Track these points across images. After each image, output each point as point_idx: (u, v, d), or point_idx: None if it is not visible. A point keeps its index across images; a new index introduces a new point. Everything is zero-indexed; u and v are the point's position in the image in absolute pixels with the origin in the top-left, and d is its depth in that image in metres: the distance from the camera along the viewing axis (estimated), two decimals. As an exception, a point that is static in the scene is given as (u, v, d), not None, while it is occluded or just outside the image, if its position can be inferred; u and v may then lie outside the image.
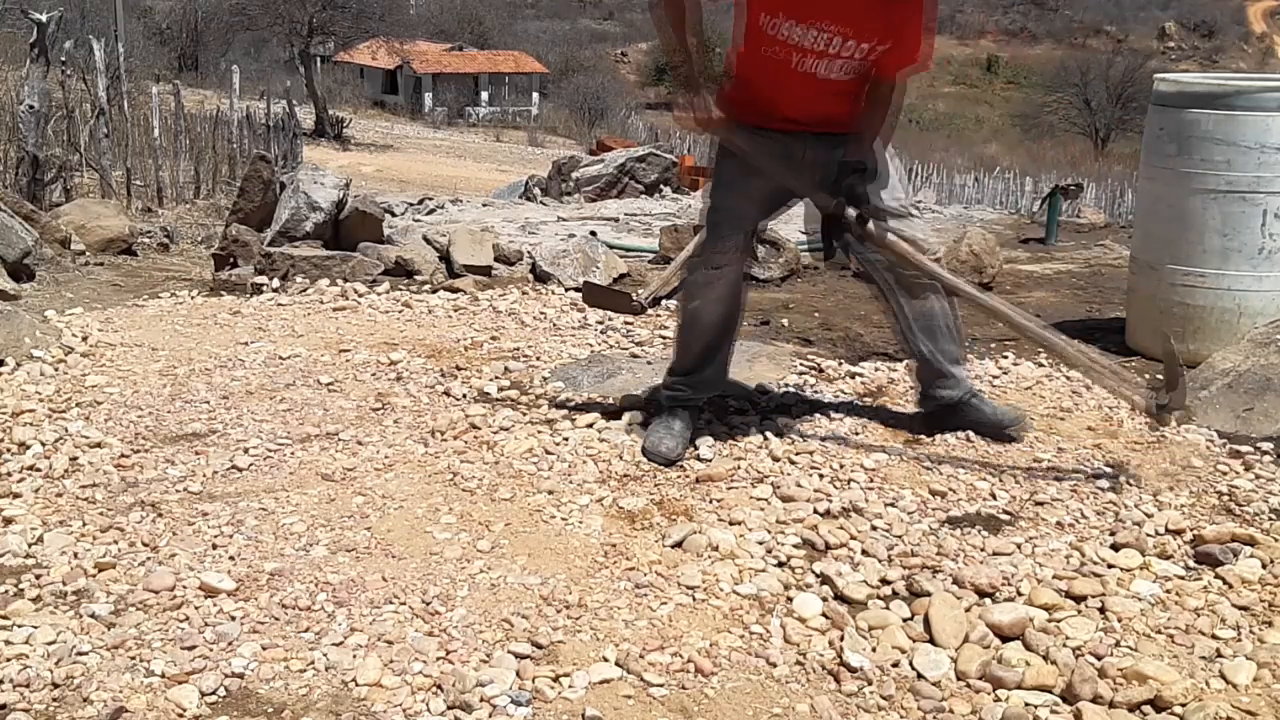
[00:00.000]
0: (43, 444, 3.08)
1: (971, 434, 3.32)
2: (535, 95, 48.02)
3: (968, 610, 2.32)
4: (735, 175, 3.07)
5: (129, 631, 2.19)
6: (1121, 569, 2.52)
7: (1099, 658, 2.17)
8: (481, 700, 2.00)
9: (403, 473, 2.99)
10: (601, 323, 4.52)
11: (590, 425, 3.34)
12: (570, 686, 2.06)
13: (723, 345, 3.28)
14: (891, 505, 2.85)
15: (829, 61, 2.84)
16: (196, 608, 2.28)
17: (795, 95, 2.92)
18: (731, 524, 2.71)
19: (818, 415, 3.43)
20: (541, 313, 4.70)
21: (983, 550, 2.62)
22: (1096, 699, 2.04)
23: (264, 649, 2.14)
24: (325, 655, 2.13)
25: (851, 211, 2.84)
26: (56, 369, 3.74)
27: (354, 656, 2.13)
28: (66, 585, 2.38)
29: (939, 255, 3.03)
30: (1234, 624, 2.30)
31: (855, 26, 2.77)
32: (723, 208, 3.11)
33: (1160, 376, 4.02)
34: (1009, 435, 3.24)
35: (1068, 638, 2.24)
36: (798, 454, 3.11)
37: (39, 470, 2.95)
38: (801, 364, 3.99)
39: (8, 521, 2.65)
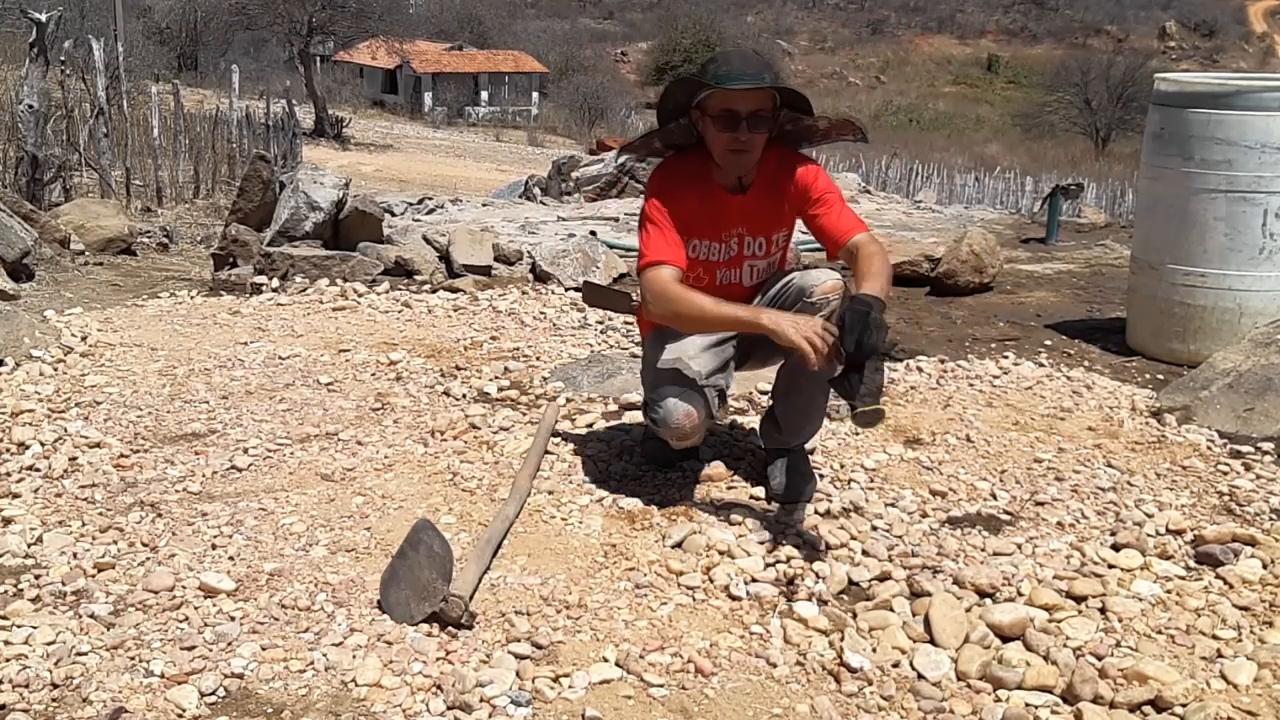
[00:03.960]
0: (42, 444, 3.08)
1: (971, 434, 3.33)
2: (535, 95, 48.04)
3: (968, 610, 2.32)
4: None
5: (128, 632, 2.19)
6: (1122, 569, 2.52)
7: (1099, 658, 2.17)
8: (481, 700, 2.00)
9: (403, 473, 2.99)
10: (601, 323, 4.52)
11: (590, 425, 3.34)
12: (570, 687, 2.06)
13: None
14: (891, 505, 2.84)
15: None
16: (196, 608, 2.28)
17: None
18: (731, 524, 2.71)
19: (818, 415, 3.43)
20: (541, 313, 4.70)
21: (983, 550, 2.61)
22: (1097, 699, 2.03)
23: (264, 649, 2.14)
24: (325, 655, 2.12)
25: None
26: (56, 369, 3.74)
27: (354, 657, 2.12)
28: (66, 585, 2.37)
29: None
30: (1235, 624, 2.30)
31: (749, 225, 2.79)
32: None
33: (1161, 376, 4.03)
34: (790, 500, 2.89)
35: (1068, 638, 2.24)
36: (798, 454, 3.10)
37: (38, 470, 2.94)
38: (801, 364, 3.99)
39: (7, 521, 2.64)
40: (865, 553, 2.59)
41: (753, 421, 3.36)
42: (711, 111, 2.66)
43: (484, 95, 47.13)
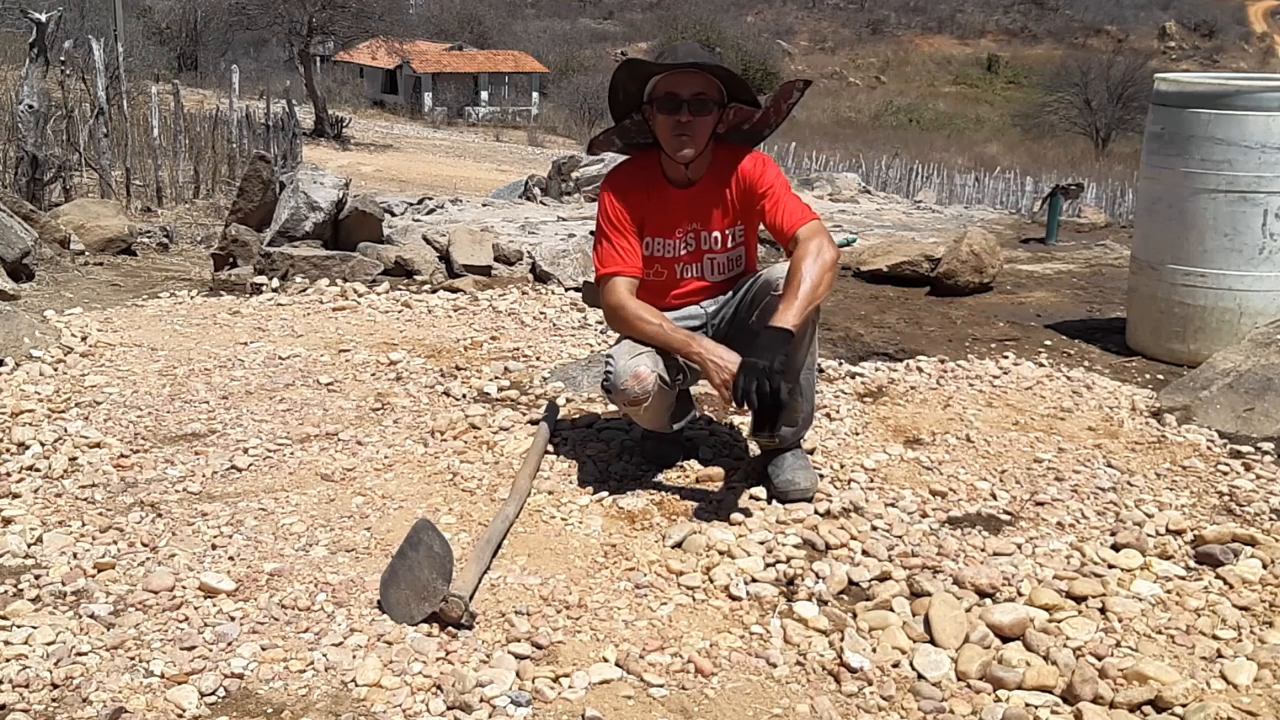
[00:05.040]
0: (42, 444, 3.08)
1: (971, 434, 3.33)
2: (535, 95, 48.06)
3: (968, 610, 2.32)
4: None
5: (128, 632, 2.19)
6: (1122, 569, 2.52)
7: (1099, 658, 2.16)
8: (481, 700, 2.00)
9: (402, 473, 2.99)
10: (601, 323, 4.52)
11: (590, 425, 3.34)
12: (570, 687, 2.06)
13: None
14: (891, 505, 2.84)
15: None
16: (196, 608, 2.28)
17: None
18: (731, 524, 2.71)
19: (818, 415, 3.43)
20: (541, 313, 4.70)
21: (983, 550, 2.61)
22: (1097, 699, 2.03)
23: (264, 649, 2.14)
24: (325, 655, 2.12)
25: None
26: (56, 369, 3.74)
27: (354, 657, 2.12)
28: (66, 585, 2.37)
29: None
30: (1234, 624, 2.30)
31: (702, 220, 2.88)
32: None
33: (1161, 376, 4.03)
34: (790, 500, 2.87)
35: (1068, 638, 2.24)
36: (798, 454, 3.10)
37: (38, 470, 2.94)
38: (801, 364, 3.98)
39: (7, 522, 2.64)
40: (865, 553, 2.59)
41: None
42: (656, 97, 2.79)
43: (484, 95, 47.16)
